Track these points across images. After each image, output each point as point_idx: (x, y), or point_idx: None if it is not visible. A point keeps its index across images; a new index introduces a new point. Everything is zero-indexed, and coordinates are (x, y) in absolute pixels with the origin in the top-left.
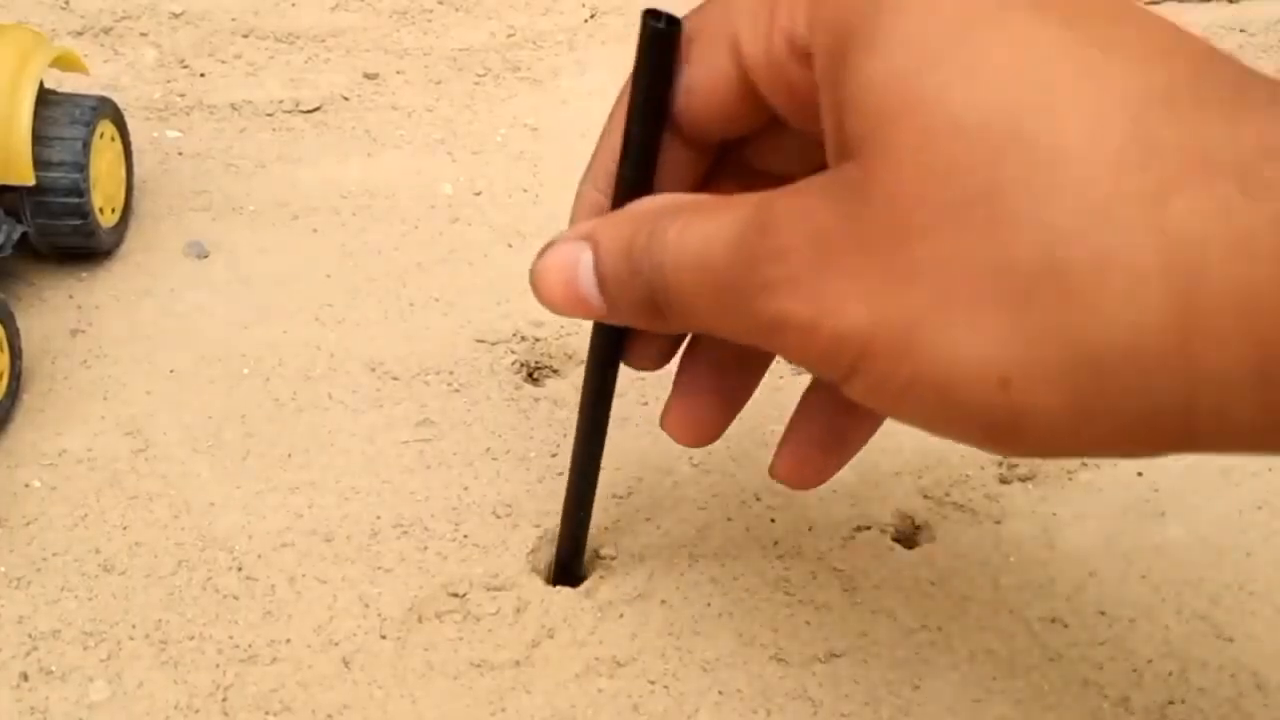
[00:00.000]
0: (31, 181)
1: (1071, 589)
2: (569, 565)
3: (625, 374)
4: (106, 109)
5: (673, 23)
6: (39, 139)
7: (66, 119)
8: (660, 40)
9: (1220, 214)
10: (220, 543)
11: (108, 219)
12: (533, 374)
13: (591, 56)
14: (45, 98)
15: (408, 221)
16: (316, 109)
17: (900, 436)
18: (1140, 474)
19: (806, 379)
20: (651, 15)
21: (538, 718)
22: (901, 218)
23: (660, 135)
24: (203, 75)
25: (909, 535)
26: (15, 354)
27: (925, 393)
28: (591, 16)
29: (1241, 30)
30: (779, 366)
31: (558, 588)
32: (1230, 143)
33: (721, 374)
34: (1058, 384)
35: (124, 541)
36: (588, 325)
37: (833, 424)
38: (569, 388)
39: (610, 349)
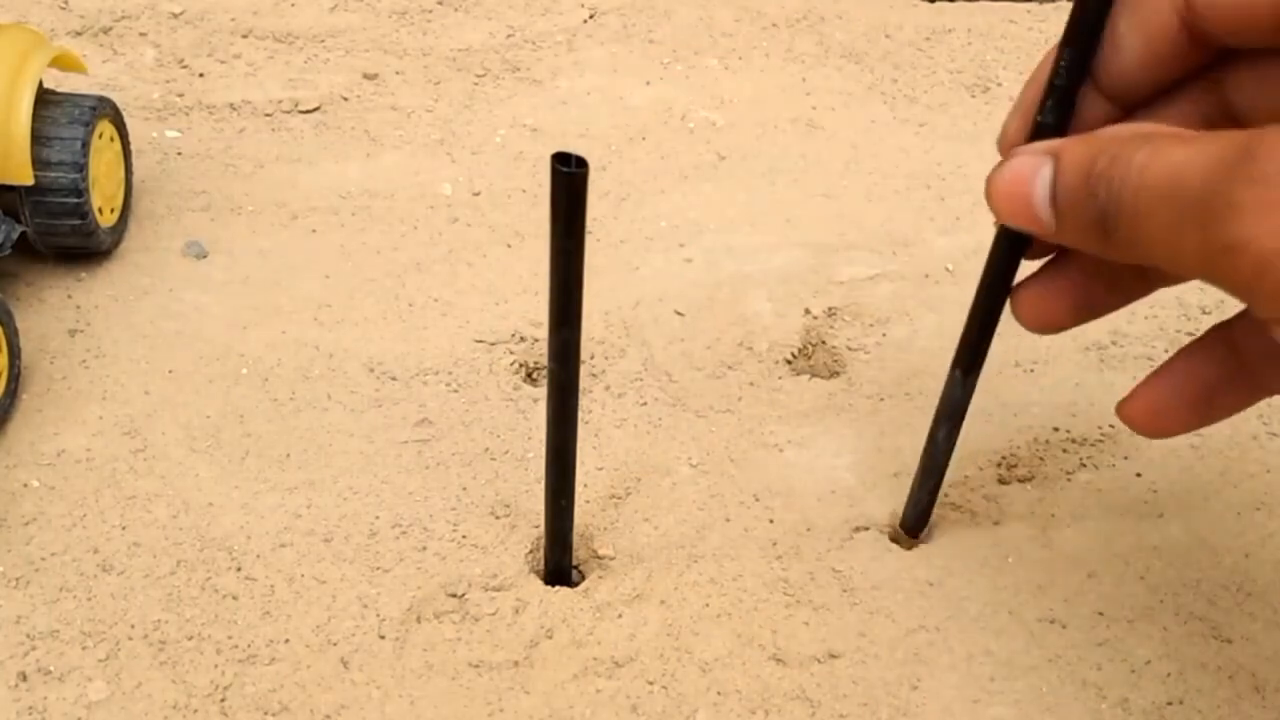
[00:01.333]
0: (30, 181)
1: (1070, 590)
2: (559, 561)
3: (622, 375)
4: (106, 109)
5: (581, 164)
6: (38, 139)
7: (66, 119)
8: (573, 181)
9: None
10: (219, 543)
11: (107, 219)
12: (531, 374)
13: (590, 57)
14: (45, 97)
15: (407, 222)
16: (316, 109)
17: (898, 438)
18: (1139, 475)
19: (810, 385)
20: (560, 160)
21: (536, 718)
22: None
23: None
24: (202, 75)
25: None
26: (14, 354)
27: None
28: (590, 17)
29: None
30: (777, 368)
31: (556, 588)
32: None
33: (1089, 280)
34: None
35: (123, 541)
36: (588, 327)
37: (1212, 382)
38: None
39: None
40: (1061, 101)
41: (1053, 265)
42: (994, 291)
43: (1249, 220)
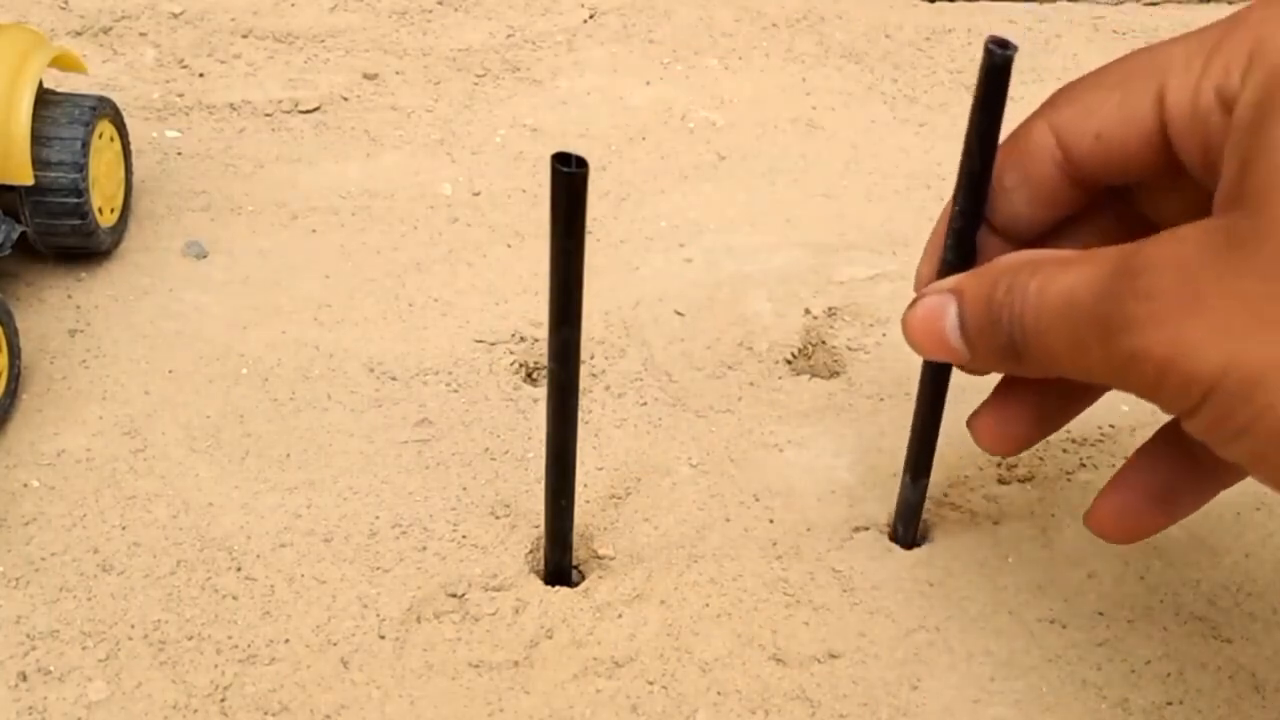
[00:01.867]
0: (30, 181)
1: (1070, 590)
2: (559, 561)
3: (623, 375)
4: (106, 109)
5: (581, 164)
6: (38, 139)
7: (66, 119)
8: (573, 181)
9: None
10: (219, 543)
11: (106, 219)
12: (531, 374)
13: (590, 57)
14: (44, 97)
15: (407, 222)
16: (316, 109)
17: (898, 438)
18: None
19: (810, 385)
20: (560, 160)
21: (536, 718)
22: None
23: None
24: (202, 75)
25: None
26: (14, 354)
27: (1260, 437)
28: (591, 17)
29: None
30: (777, 368)
31: (556, 588)
32: None
33: (1042, 394)
34: None
35: (123, 541)
36: (588, 327)
37: (1168, 480)
38: None
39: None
40: (961, 242)
41: (1003, 389)
42: (931, 407)
43: (1144, 332)
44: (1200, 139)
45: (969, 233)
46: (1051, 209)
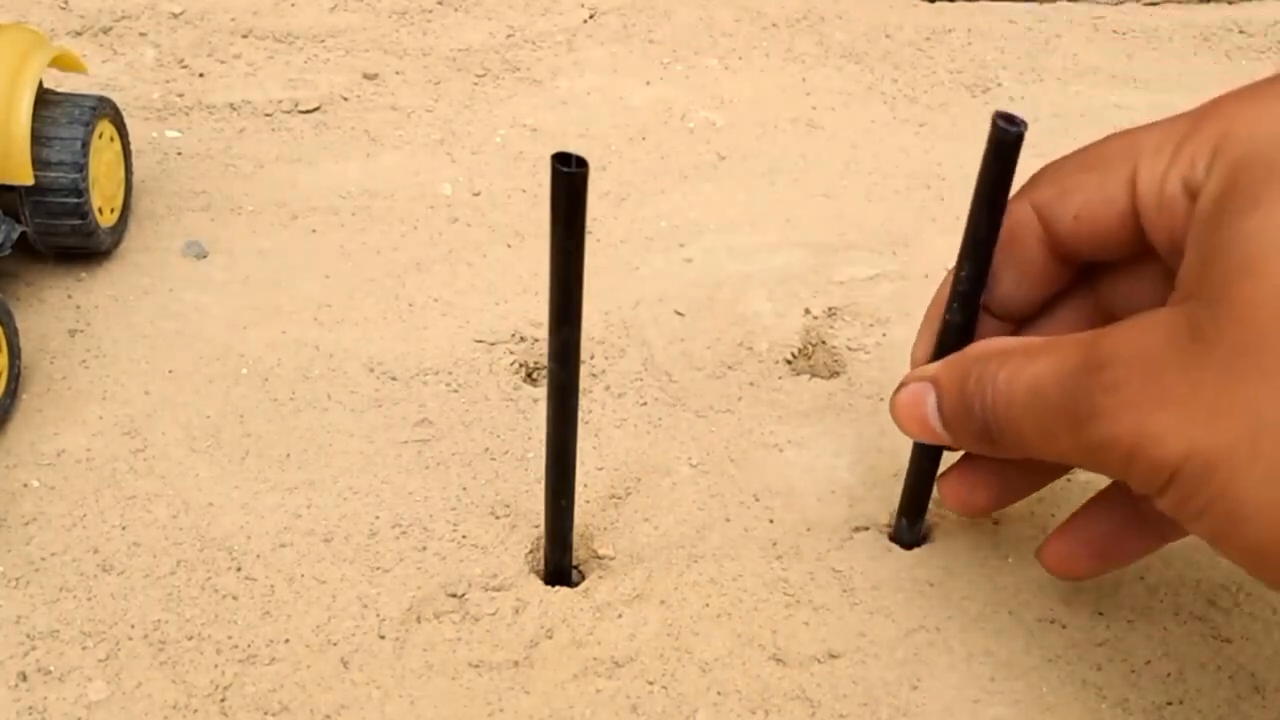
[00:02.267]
0: (30, 181)
1: (1069, 590)
2: (559, 561)
3: (622, 375)
4: (106, 109)
5: (581, 164)
6: (38, 139)
7: (66, 119)
8: (573, 181)
9: None
10: (219, 543)
11: (106, 219)
12: (531, 374)
13: (590, 57)
14: (44, 97)
15: (407, 222)
16: (316, 109)
17: (898, 438)
18: None
19: (810, 385)
20: (560, 160)
21: (536, 718)
22: (1240, 360)
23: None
24: (202, 75)
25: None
26: (14, 354)
27: (1217, 517)
28: (590, 17)
29: (1241, 31)
30: (777, 368)
31: (556, 588)
32: None
33: (1004, 469)
34: None
35: (123, 541)
36: (588, 327)
37: (1112, 534)
38: None
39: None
40: (966, 304)
41: (970, 457)
42: (923, 461)
43: (1112, 421)
44: (1167, 226)
45: (973, 296)
46: (1041, 287)
